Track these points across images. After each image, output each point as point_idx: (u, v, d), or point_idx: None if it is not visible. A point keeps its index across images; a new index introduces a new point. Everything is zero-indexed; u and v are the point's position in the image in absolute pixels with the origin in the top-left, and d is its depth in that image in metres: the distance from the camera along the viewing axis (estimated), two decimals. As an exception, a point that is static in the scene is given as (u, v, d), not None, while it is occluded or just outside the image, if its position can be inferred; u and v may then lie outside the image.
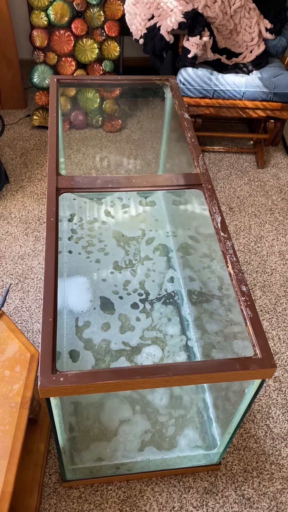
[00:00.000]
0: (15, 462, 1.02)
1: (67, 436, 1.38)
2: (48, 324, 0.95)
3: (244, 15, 2.36)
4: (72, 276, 1.79)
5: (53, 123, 1.48)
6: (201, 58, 2.31)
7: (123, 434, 1.39)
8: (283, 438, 1.52)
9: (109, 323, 1.65)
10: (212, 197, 1.27)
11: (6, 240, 2.07)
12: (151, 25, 2.26)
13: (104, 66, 2.62)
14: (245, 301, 1.02)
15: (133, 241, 1.93)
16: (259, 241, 2.17)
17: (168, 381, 0.90)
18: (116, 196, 2.10)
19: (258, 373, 0.92)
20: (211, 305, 1.60)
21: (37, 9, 2.42)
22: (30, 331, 1.73)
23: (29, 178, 2.40)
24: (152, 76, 1.75)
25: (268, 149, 2.70)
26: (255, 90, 2.23)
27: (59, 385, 0.86)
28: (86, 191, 1.28)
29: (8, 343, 1.21)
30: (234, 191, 2.43)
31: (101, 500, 1.36)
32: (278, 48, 2.43)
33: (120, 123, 2.73)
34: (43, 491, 1.36)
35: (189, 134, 1.49)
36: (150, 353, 1.57)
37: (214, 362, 0.93)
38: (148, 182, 1.33)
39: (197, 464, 1.41)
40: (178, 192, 1.89)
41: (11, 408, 1.10)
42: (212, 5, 2.27)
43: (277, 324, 1.83)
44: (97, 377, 0.88)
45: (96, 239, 1.93)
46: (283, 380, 1.67)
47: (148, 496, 1.37)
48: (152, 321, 1.67)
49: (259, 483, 1.42)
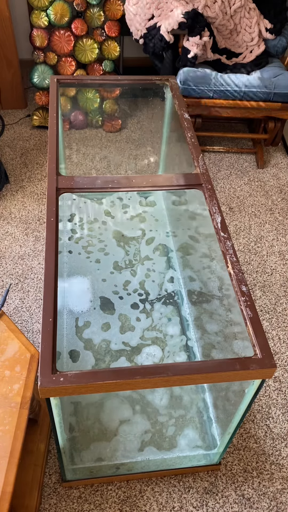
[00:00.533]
0: (15, 462, 1.02)
1: (67, 436, 1.38)
2: (48, 324, 0.95)
3: (244, 15, 2.36)
4: (72, 276, 1.79)
5: (53, 123, 1.48)
6: (201, 58, 2.31)
7: (123, 434, 1.39)
8: (283, 438, 1.52)
9: (109, 323, 1.65)
10: (212, 197, 1.27)
11: (6, 240, 2.07)
12: (151, 25, 2.26)
13: (104, 66, 2.62)
14: (245, 301, 1.02)
15: (133, 241, 1.93)
16: (259, 241, 2.17)
17: (168, 381, 0.90)
18: (116, 196, 2.10)
19: (258, 373, 0.92)
20: (211, 305, 1.60)
21: (37, 9, 2.42)
22: (30, 331, 1.74)
23: (29, 178, 2.40)
24: (152, 76, 1.75)
25: (268, 149, 2.70)
26: (255, 90, 2.23)
27: (59, 385, 0.86)
28: (86, 191, 1.28)
29: (8, 343, 1.21)
30: (234, 191, 2.43)
31: (101, 500, 1.36)
32: (278, 48, 2.43)
33: (120, 123, 2.74)
34: (43, 491, 1.36)
35: (189, 134, 1.49)
36: (150, 353, 1.57)
37: (214, 362, 0.93)
38: (148, 182, 1.33)
39: (197, 464, 1.41)
40: (178, 192, 1.89)
41: (11, 408, 1.10)
42: (212, 5, 2.27)
43: (277, 324, 1.83)
44: (97, 377, 0.88)
45: (96, 239, 1.93)
46: (283, 380, 1.67)
47: (148, 496, 1.37)
48: (152, 321, 1.67)
49: (259, 483, 1.42)
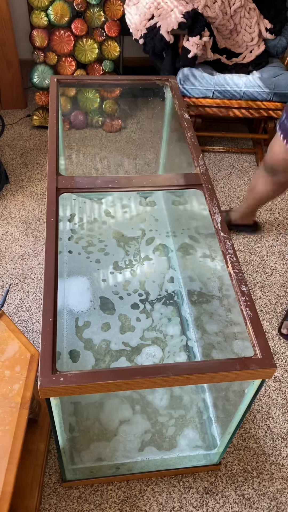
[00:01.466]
0: (15, 462, 1.02)
1: (67, 436, 1.38)
2: (48, 324, 0.95)
3: (244, 15, 2.36)
4: (72, 276, 1.79)
5: (53, 123, 1.48)
6: (201, 58, 2.31)
7: (123, 434, 1.39)
8: (283, 438, 1.52)
9: (109, 323, 1.65)
10: (212, 197, 1.27)
11: (6, 240, 2.07)
12: (151, 25, 2.26)
13: (104, 66, 2.62)
14: (245, 301, 1.02)
15: (133, 241, 1.93)
16: (259, 241, 2.17)
17: (168, 381, 0.90)
18: (116, 196, 2.10)
19: (258, 373, 0.92)
20: (211, 305, 1.60)
21: (37, 9, 2.42)
22: (30, 331, 1.73)
23: (29, 178, 2.40)
24: (152, 76, 1.75)
25: (268, 149, 2.70)
26: (255, 90, 2.23)
27: (59, 385, 0.86)
28: (86, 191, 1.28)
29: (8, 343, 1.21)
30: (234, 191, 2.43)
31: (101, 500, 1.36)
32: (278, 48, 2.43)
33: (120, 123, 2.73)
34: (43, 491, 1.36)
35: (189, 134, 1.49)
36: (150, 354, 1.57)
37: (214, 362, 0.93)
38: (148, 182, 1.33)
39: (197, 464, 1.41)
40: (178, 192, 1.89)
41: (11, 408, 1.10)
42: (212, 5, 2.27)
43: (277, 324, 1.83)
44: (97, 377, 0.88)
45: (96, 239, 1.93)
46: (283, 380, 1.67)
47: (148, 496, 1.37)
48: (152, 321, 1.67)
49: (259, 483, 1.42)
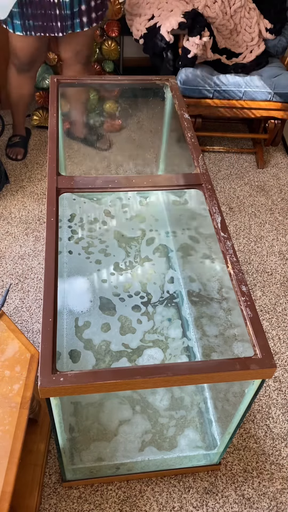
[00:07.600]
0: (15, 462, 1.02)
1: (67, 436, 1.38)
2: (48, 324, 0.95)
3: (244, 15, 2.36)
4: (72, 276, 1.79)
5: (53, 123, 1.48)
6: (201, 58, 2.31)
7: (123, 434, 1.39)
8: (283, 438, 1.52)
9: (109, 324, 1.65)
10: (212, 197, 1.27)
11: (6, 240, 2.07)
12: (151, 25, 2.26)
13: (104, 66, 2.62)
14: (245, 301, 1.02)
15: (133, 242, 1.93)
16: (259, 241, 2.17)
17: (169, 381, 0.90)
18: (116, 196, 2.10)
19: (258, 373, 0.92)
20: (211, 305, 1.60)
21: (37, 9, 2.41)
22: (30, 331, 1.73)
23: (29, 178, 2.40)
24: (152, 76, 1.75)
25: (268, 149, 2.70)
26: (255, 90, 2.23)
27: (59, 385, 0.86)
28: (86, 191, 1.28)
29: (8, 343, 1.21)
30: (234, 191, 2.43)
31: (101, 500, 1.36)
32: (278, 48, 2.43)
33: (120, 123, 2.73)
34: (43, 491, 1.36)
35: (189, 134, 1.49)
36: (151, 355, 1.57)
37: (214, 362, 0.93)
38: (148, 182, 1.33)
39: (197, 464, 1.41)
40: (178, 192, 1.89)
41: (11, 408, 1.10)
42: (212, 5, 2.27)
43: (277, 324, 1.83)
44: (97, 377, 0.88)
45: (96, 240, 1.93)
46: (283, 380, 1.67)
47: (148, 496, 1.37)
48: (153, 324, 1.67)
49: (259, 483, 1.42)
